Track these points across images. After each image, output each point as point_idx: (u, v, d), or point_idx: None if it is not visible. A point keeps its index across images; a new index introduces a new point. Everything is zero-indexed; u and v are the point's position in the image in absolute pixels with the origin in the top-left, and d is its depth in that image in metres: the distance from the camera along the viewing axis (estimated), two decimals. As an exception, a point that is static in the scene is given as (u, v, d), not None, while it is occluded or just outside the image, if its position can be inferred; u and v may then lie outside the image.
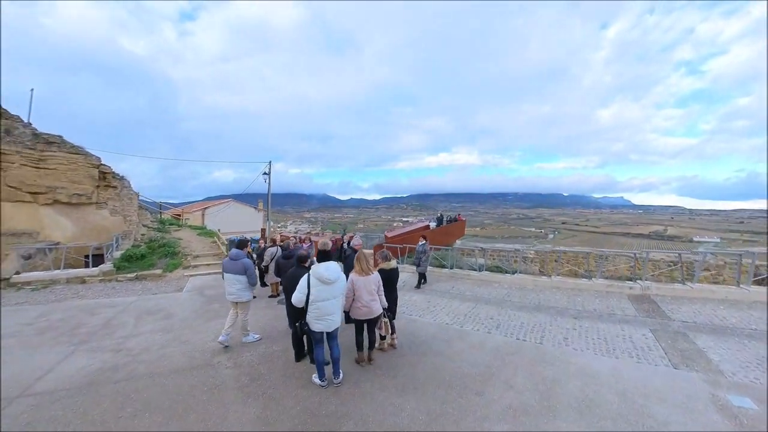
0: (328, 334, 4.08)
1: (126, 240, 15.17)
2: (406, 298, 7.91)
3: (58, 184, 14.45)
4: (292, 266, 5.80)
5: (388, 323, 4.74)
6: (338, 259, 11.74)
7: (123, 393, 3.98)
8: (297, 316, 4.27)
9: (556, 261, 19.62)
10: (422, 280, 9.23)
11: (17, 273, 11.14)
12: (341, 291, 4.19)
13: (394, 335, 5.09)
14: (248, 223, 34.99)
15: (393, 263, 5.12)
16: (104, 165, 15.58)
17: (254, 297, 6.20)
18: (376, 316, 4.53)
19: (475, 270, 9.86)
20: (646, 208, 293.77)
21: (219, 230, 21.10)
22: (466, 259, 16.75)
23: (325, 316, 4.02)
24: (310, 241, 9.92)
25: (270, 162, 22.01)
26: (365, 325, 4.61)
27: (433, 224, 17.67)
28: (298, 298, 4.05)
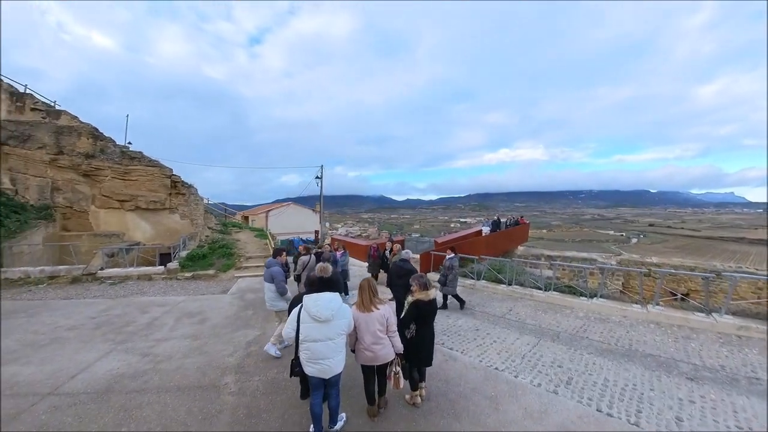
0: (325, 380, 3.19)
1: (192, 241, 16.32)
2: (449, 322, 6.63)
3: (139, 192, 16.15)
4: (317, 281, 5.15)
5: (399, 375, 3.49)
6: (382, 267, 10.89)
7: (128, 407, 3.94)
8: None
9: (649, 277, 16.21)
10: (460, 303, 7.62)
11: (101, 269, 12.47)
12: (340, 331, 3.19)
13: (422, 385, 3.91)
14: (306, 224, 36.21)
15: (432, 293, 3.74)
16: (175, 175, 17.04)
17: None
18: (383, 363, 3.48)
19: (540, 289, 8.03)
20: None
21: (269, 231, 21.86)
22: (530, 271, 14.49)
23: (319, 360, 3.10)
24: (344, 248, 9.12)
25: (322, 166, 22.21)
26: (375, 370, 3.60)
27: (486, 229, 15.44)
28: (286, 333, 3.25)
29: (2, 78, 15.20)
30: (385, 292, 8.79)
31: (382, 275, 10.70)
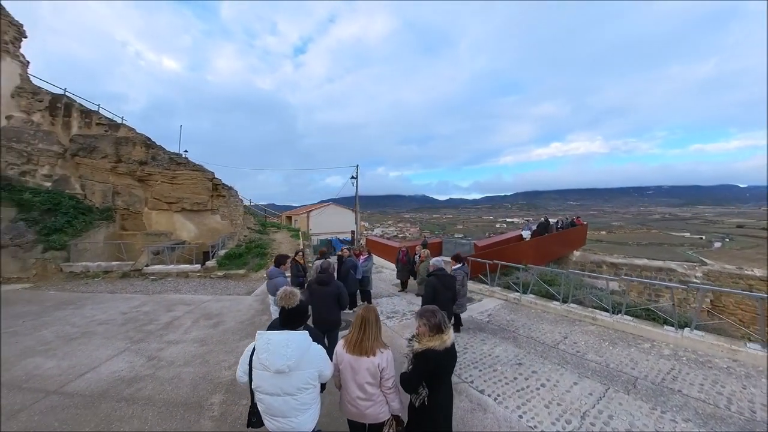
0: None
1: (231, 240, 16.71)
2: (484, 349, 5.34)
3: (184, 195, 16.90)
4: (325, 295, 4.34)
5: None
6: (411, 273, 9.81)
7: (111, 418, 3.78)
8: None
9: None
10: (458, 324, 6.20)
11: (147, 265, 13.10)
12: (304, 385, 2.21)
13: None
14: (346, 224, 36.21)
15: (450, 337, 2.50)
16: (216, 178, 17.60)
17: None
18: (372, 423, 2.47)
19: (605, 310, 6.32)
20: None
21: (305, 231, 21.77)
22: (590, 282, 12.25)
23: (277, 417, 2.19)
24: (369, 252, 8.19)
25: (357, 166, 21.65)
26: (367, 428, 2.60)
27: (527, 233, 13.22)
28: (238, 375, 2.37)
29: (75, 99, 16.93)
30: (413, 303, 7.76)
31: (412, 282, 9.66)
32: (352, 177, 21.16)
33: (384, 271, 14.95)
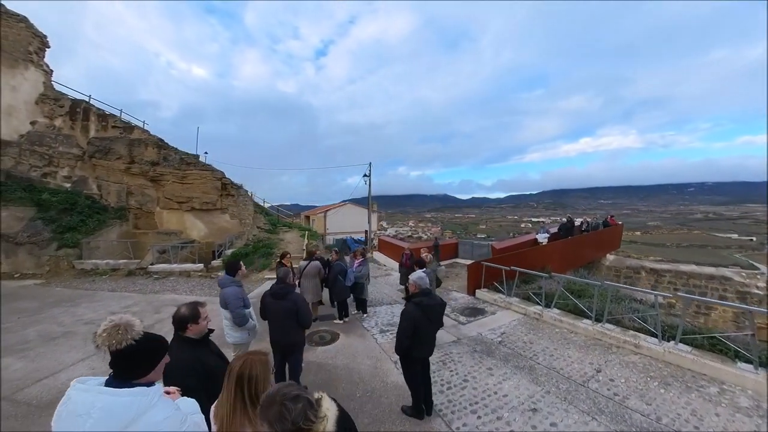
0: None
1: (239, 240, 16.31)
2: (489, 382, 4.16)
3: (194, 194, 16.68)
4: (281, 311, 3.45)
5: None
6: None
7: None
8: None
9: None
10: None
11: (152, 264, 12.86)
12: None
13: None
14: (363, 224, 35.43)
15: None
16: (225, 177, 17.28)
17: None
18: None
19: (653, 335, 4.89)
20: None
21: (313, 230, 21.08)
22: (627, 294, 10.41)
23: None
24: (363, 256, 7.18)
25: (370, 164, 20.75)
26: None
27: (543, 236, 11.12)
28: None
29: (94, 104, 17.21)
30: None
31: None
32: (365, 175, 20.27)
33: (393, 274, 13.92)
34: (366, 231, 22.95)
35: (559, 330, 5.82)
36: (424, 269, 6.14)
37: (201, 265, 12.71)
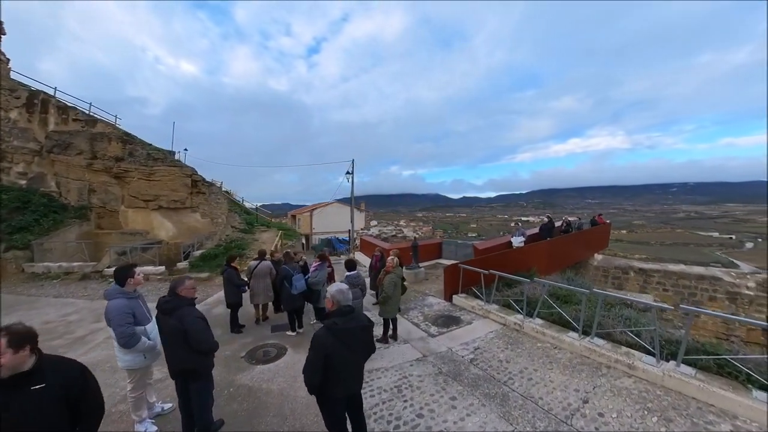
0: None
1: (210, 240, 15.21)
2: (449, 420, 3.29)
3: (162, 192, 15.48)
4: (168, 330, 2.54)
5: None
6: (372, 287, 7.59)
7: None
8: None
9: None
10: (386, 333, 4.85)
11: (109, 267, 11.71)
12: None
13: None
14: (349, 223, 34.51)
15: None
16: (196, 174, 16.13)
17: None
18: None
19: (650, 354, 4.06)
20: None
21: (298, 230, 20.04)
22: (617, 298, 9.66)
23: None
24: (323, 259, 6.23)
25: (353, 160, 19.78)
26: None
27: (518, 239, 9.96)
28: None
29: (52, 96, 15.87)
30: (381, 324, 5.69)
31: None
32: (347, 173, 19.30)
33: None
34: (350, 230, 21.98)
35: (542, 345, 4.98)
36: (352, 272, 5.29)
37: (162, 268, 11.61)
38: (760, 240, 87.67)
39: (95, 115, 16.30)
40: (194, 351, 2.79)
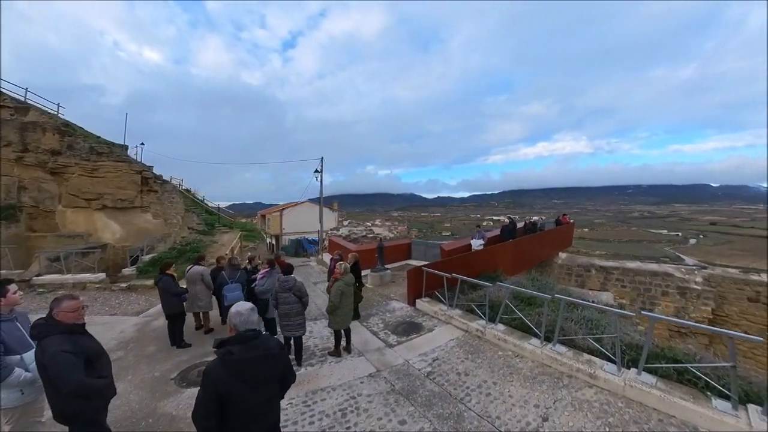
0: None
1: (162, 243, 13.91)
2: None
3: (107, 190, 13.94)
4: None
5: None
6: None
7: None
8: None
9: (757, 303, 10.94)
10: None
11: (38, 275, 10.26)
12: None
13: None
14: (324, 222, 33.58)
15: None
16: (147, 171, 14.73)
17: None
18: None
19: (611, 361, 3.82)
20: None
21: (264, 230, 19.00)
22: (580, 295, 9.73)
23: None
24: (272, 265, 5.59)
25: (322, 158, 19.02)
26: None
27: (477, 242, 9.57)
28: None
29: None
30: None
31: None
32: (316, 171, 18.52)
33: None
34: (318, 231, 21.20)
35: (503, 353, 4.66)
36: (288, 275, 4.58)
37: (102, 275, 10.34)
38: (701, 237, 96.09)
39: (30, 102, 14.40)
40: (63, 388, 2.14)
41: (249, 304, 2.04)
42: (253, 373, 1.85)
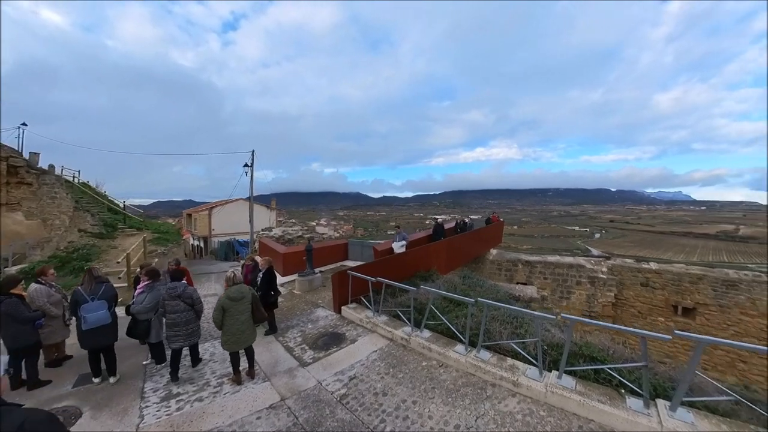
0: None
1: (39, 249, 11.04)
2: None
3: (-53, 179, 10.66)
4: None
5: None
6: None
7: None
8: None
9: (646, 287, 12.50)
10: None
11: None
12: None
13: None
14: (259, 223, 30.92)
15: None
16: (15, 158, 11.60)
17: None
18: None
19: (533, 364, 3.59)
20: (711, 204, 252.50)
21: (189, 230, 16.54)
22: (508, 291, 10.04)
23: None
24: (153, 278, 4.39)
25: (253, 152, 17.24)
26: None
27: (399, 244, 9.29)
28: None
29: None
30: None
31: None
32: (246, 165, 16.69)
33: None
34: (250, 232, 19.26)
35: (427, 363, 4.21)
36: (175, 282, 3.89)
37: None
38: (603, 231, 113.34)
39: None
40: None
41: None
42: None
